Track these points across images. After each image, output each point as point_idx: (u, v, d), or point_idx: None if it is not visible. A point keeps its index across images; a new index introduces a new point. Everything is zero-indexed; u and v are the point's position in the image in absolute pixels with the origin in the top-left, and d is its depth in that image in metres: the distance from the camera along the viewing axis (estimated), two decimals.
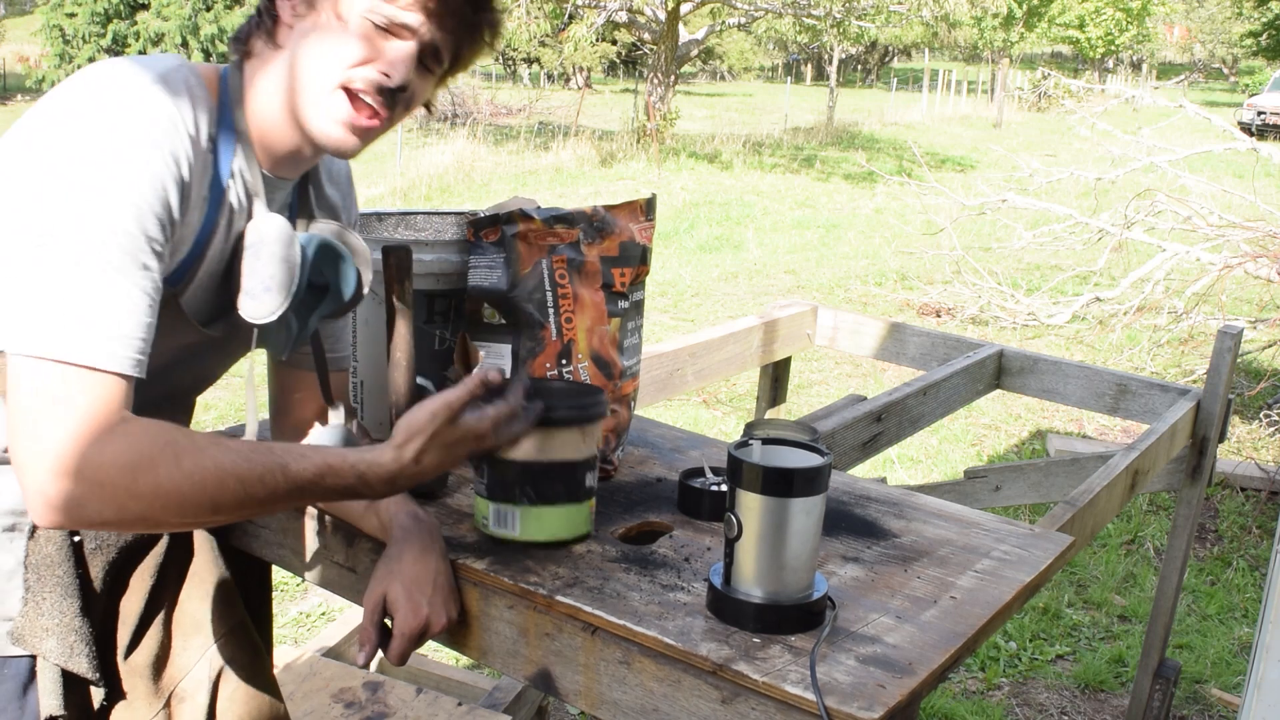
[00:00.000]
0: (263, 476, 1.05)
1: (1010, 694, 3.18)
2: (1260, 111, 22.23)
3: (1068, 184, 9.00)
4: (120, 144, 1.04)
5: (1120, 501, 2.08)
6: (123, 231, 1.03)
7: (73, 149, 1.03)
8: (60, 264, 1.01)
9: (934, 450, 5.06)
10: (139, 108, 1.06)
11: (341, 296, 1.29)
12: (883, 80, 42.69)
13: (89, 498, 0.99)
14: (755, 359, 2.72)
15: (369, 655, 1.21)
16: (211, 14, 19.08)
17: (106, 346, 1.01)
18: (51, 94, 1.08)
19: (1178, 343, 6.71)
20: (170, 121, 1.08)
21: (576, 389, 1.38)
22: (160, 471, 1.01)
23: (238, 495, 1.04)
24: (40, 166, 1.03)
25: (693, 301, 7.68)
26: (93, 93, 1.06)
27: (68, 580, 1.18)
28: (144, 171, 1.04)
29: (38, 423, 0.99)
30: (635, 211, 1.59)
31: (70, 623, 1.18)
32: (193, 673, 1.35)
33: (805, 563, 1.14)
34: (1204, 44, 52.65)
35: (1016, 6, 29.12)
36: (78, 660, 1.18)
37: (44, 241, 1.01)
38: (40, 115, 1.07)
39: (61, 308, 1.00)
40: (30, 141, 1.06)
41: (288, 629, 3.23)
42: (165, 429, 1.04)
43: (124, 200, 1.03)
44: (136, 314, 1.04)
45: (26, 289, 1.01)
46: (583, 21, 17.03)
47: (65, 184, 1.02)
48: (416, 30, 1.17)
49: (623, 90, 26.84)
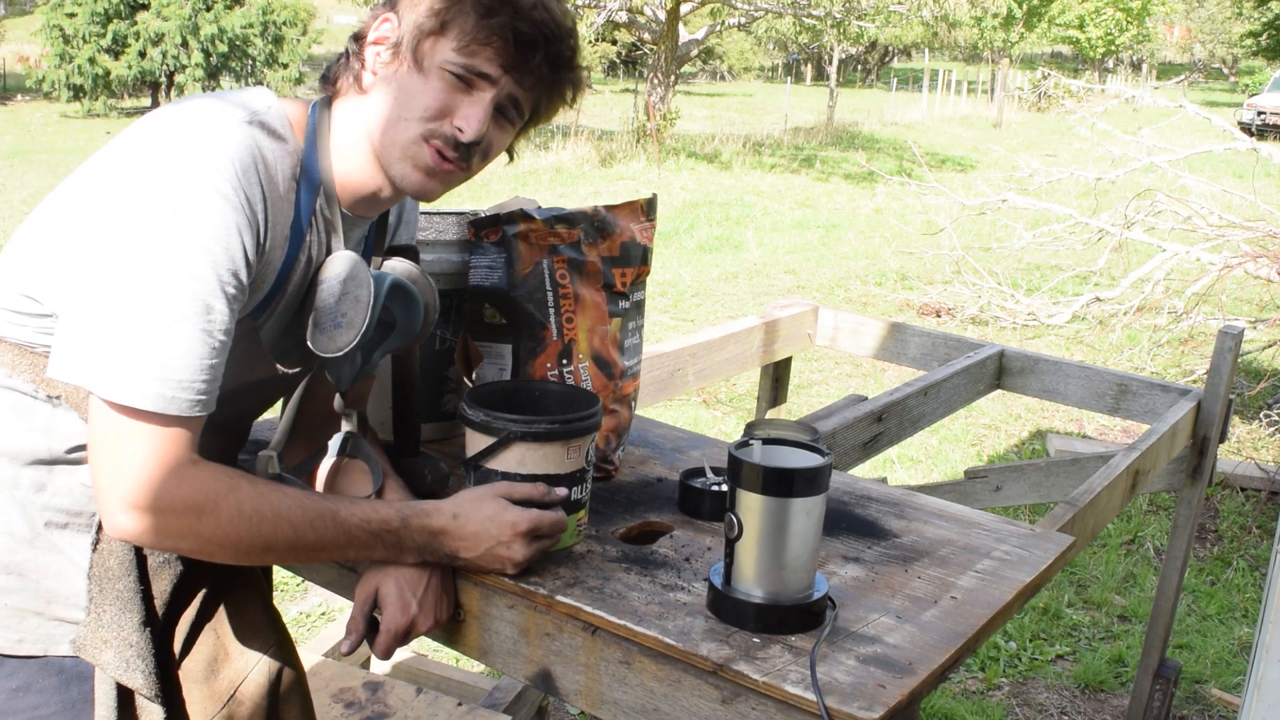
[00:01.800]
0: (313, 521, 1.14)
1: (1010, 694, 3.18)
2: (1260, 111, 22.24)
3: (1068, 184, 9.00)
4: (198, 190, 1.06)
5: (1121, 501, 2.08)
6: (194, 277, 1.05)
7: (153, 193, 1.05)
8: (130, 309, 1.04)
9: (934, 450, 5.06)
10: (221, 153, 1.08)
11: (407, 334, 1.31)
12: (883, 80, 42.70)
13: (154, 530, 1.08)
14: (756, 359, 2.72)
15: (353, 645, 1.24)
16: (211, 14, 19.07)
17: (166, 392, 1.05)
18: (141, 126, 1.11)
19: (1178, 343, 6.71)
20: (253, 165, 1.10)
21: (571, 398, 1.36)
22: (223, 515, 1.09)
23: (289, 539, 1.13)
24: (121, 206, 1.06)
25: (693, 301, 7.68)
26: (178, 135, 1.08)
27: (128, 595, 1.19)
28: (220, 219, 1.07)
29: (108, 459, 1.07)
30: (636, 211, 1.59)
31: (128, 637, 1.19)
32: (252, 675, 1.37)
33: (805, 563, 1.14)
34: (1204, 44, 52.66)
35: (1016, 6, 29.14)
36: (133, 675, 1.19)
37: (117, 283, 1.05)
38: (128, 150, 1.10)
39: (128, 353, 1.04)
40: (114, 179, 1.09)
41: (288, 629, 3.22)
42: (230, 475, 1.12)
43: (197, 247, 1.05)
44: (201, 359, 1.07)
45: (99, 329, 1.05)
46: (582, 21, 17.02)
47: (142, 228, 1.05)
48: (496, 82, 1.19)
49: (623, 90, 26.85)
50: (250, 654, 1.37)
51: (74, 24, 18.59)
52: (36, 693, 1.18)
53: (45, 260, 1.12)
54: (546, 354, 1.49)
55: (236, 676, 1.35)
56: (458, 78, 1.17)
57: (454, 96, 1.18)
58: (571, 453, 1.27)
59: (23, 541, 1.17)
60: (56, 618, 1.19)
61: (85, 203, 1.11)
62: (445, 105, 1.17)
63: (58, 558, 1.19)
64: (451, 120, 1.18)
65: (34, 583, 1.18)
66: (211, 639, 1.35)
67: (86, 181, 1.12)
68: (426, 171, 1.20)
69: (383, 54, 1.19)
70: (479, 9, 1.15)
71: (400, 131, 1.18)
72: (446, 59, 1.16)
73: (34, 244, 1.14)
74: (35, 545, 1.17)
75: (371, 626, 1.24)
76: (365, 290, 1.21)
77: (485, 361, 1.53)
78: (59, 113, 19.01)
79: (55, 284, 1.12)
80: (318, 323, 1.22)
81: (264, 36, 19.86)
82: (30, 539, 1.17)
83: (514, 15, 1.16)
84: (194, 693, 1.33)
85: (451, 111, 1.18)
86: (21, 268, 1.14)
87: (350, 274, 1.21)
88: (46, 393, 1.15)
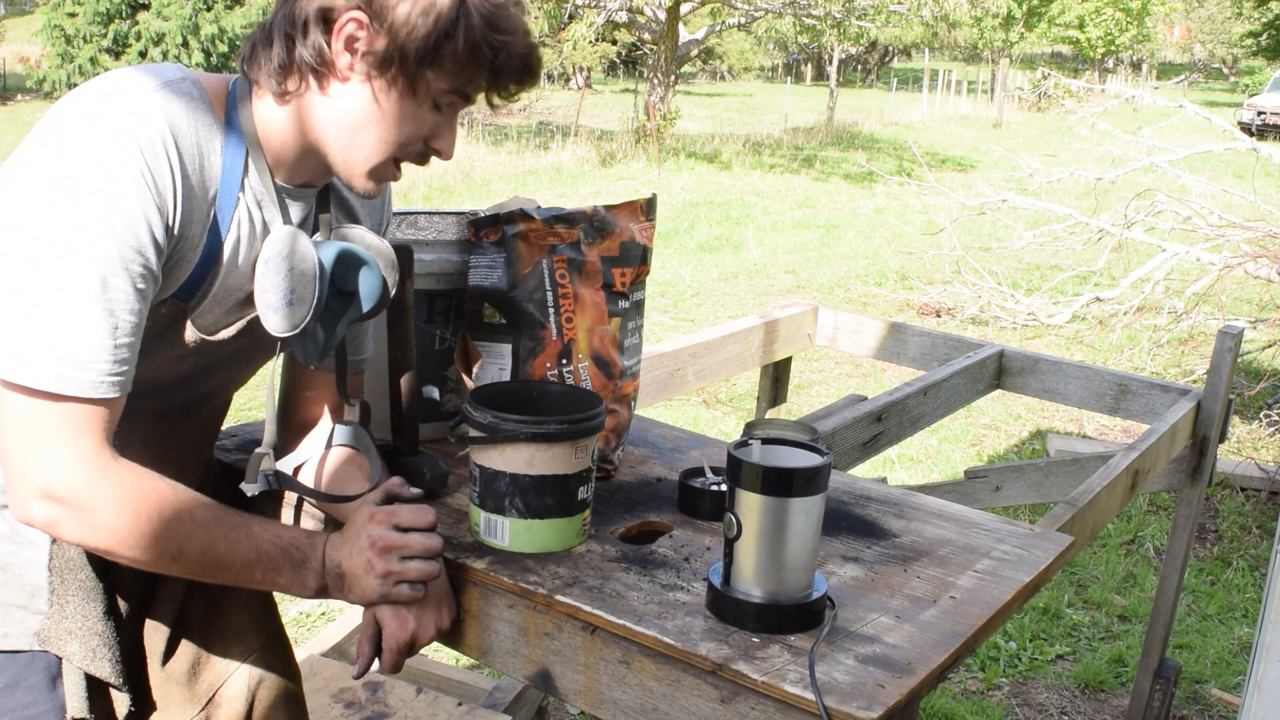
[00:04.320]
0: (228, 534, 1.13)
1: (1010, 694, 3.18)
2: (1260, 111, 22.24)
3: (1068, 184, 9.00)
4: (104, 169, 1.03)
5: (1120, 501, 2.08)
6: (94, 257, 1.03)
7: (57, 174, 1.03)
8: (31, 290, 1.02)
9: (934, 450, 5.06)
10: (128, 129, 1.05)
11: (371, 299, 1.29)
12: (883, 80, 42.69)
13: (66, 522, 1.06)
14: (756, 359, 2.72)
15: (362, 669, 1.25)
16: (212, 14, 19.07)
17: (65, 372, 1.03)
18: (52, 110, 1.09)
19: (1178, 343, 6.71)
20: (160, 139, 1.07)
21: (574, 398, 1.36)
22: (142, 514, 1.07)
23: (202, 548, 1.12)
24: (26, 190, 1.04)
25: (693, 301, 7.68)
26: (84, 114, 1.06)
27: (90, 585, 1.19)
28: (123, 196, 1.04)
29: (18, 444, 1.05)
30: (635, 211, 1.59)
31: (93, 626, 1.19)
32: (233, 679, 1.36)
33: (805, 563, 1.14)
34: (1204, 44, 52.66)
35: (1016, 6, 29.15)
36: (100, 664, 1.19)
37: (22, 267, 1.03)
38: (36, 135, 1.08)
39: (32, 335, 1.02)
40: (21, 163, 1.07)
41: (288, 629, 3.22)
42: (153, 477, 1.10)
43: (99, 226, 1.03)
44: (103, 339, 1.04)
45: (5, 313, 1.03)
46: (582, 21, 17.03)
47: (46, 211, 1.03)
48: (471, 101, 1.20)
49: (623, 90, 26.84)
50: (232, 657, 1.37)
51: (75, 24, 18.59)
52: (25, 690, 1.18)
53: None
54: (546, 354, 1.49)
55: (216, 679, 1.35)
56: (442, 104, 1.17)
57: (436, 120, 1.19)
58: (579, 452, 1.27)
59: (2, 537, 1.17)
60: (40, 612, 1.19)
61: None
62: (429, 130, 1.19)
63: (38, 552, 1.18)
64: (428, 142, 1.19)
65: (16, 577, 1.18)
66: (195, 641, 1.35)
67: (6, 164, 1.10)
68: (379, 181, 1.21)
69: (359, 65, 1.13)
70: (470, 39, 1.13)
71: (376, 152, 1.17)
72: (439, 89, 1.15)
73: None
74: (15, 540, 1.17)
75: (377, 648, 1.25)
76: (310, 264, 1.18)
77: (485, 361, 1.53)
78: None
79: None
80: (268, 303, 1.19)
81: None
82: (9, 534, 1.17)
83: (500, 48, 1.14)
84: (175, 694, 1.33)
85: (434, 136, 1.19)
86: None
87: (291, 249, 1.18)
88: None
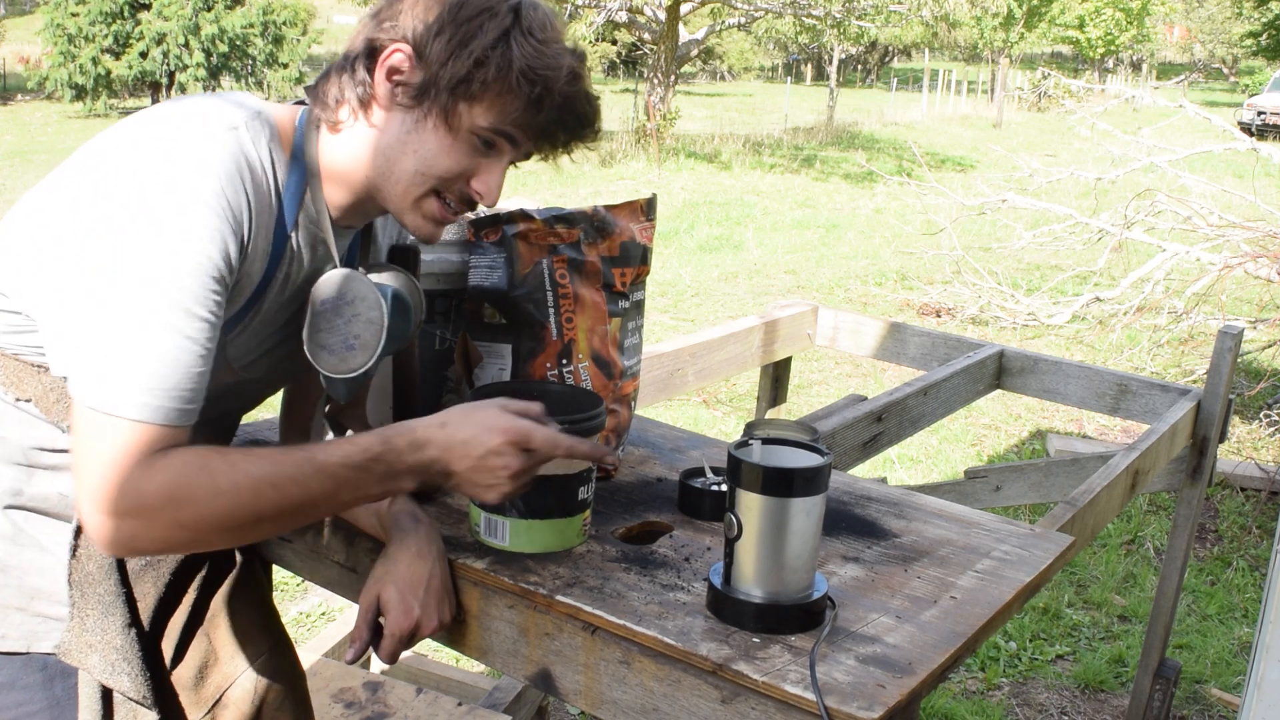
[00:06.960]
0: (294, 475, 1.06)
1: (1010, 694, 3.18)
2: (1260, 111, 22.26)
3: (1068, 184, 9.00)
4: (183, 197, 1.03)
5: (1120, 501, 2.08)
6: (176, 286, 1.03)
7: (141, 205, 1.03)
8: (122, 321, 1.02)
9: (934, 450, 5.06)
10: (208, 159, 1.05)
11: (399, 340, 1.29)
12: (883, 80, 42.68)
13: (137, 531, 1.02)
14: (755, 359, 2.72)
15: (358, 652, 1.23)
16: (212, 14, 19.08)
17: (153, 401, 1.02)
18: (126, 128, 1.08)
19: (1178, 343, 6.71)
20: (238, 172, 1.07)
21: (575, 397, 1.36)
22: (199, 495, 1.03)
23: (276, 503, 1.06)
24: (107, 212, 1.03)
25: (693, 301, 7.68)
26: (163, 143, 1.05)
27: (109, 598, 1.19)
28: (206, 227, 1.04)
29: (84, 464, 1.02)
30: (636, 211, 1.59)
31: (112, 640, 1.18)
32: (239, 680, 1.36)
33: (805, 563, 1.14)
34: (1204, 44, 52.64)
35: (1016, 6, 29.11)
36: (119, 679, 1.19)
37: (98, 286, 1.02)
38: (113, 152, 1.07)
39: (121, 364, 1.02)
40: (98, 181, 1.06)
41: (288, 629, 3.23)
42: (197, 454, 1.05)
43: (181, 254, 1.03)
44: (189, 368, 1.04)
45: (79, 330, 1.03)
46: (582, 21, 17.02)
47: (129, 236, 1.02)
48: (518, 145, 1.18)
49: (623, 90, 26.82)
50: (240, 659, 1.36)
51: (76, 23, 18.60)
52: (20, 689, 1.18)
53: (17, 256, 1.10)
54: (546, 354, 1.49)
55: (224, 681, 1.35)
56: (484, 142, 1.16)
57: (476, 159, 1.17)
58: None
59: (4, 538, 1.17)
60: (39, 614, 1.19)
61: (64, 202, 1.08)
62: (468, 167, 1.17)
63: (41, 555, 1.18)
64: (469, 182, 1.18)
65: (16, 579, 1.18)
66: (204, 645, 1.35)
67: (68, 180, 1.09)
68: (435, 222, 1.20)
69: (400, 96, 1.14)
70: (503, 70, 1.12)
71: (415, 184, 1.16)
72: (476, 124, 1.14)
73: (6, 240, 1.12)
74: (18, 542, 1.17)
75: (375, 633, 1.23)
76: (377, 311, 1.19)
77: (485, 361, 1.53)
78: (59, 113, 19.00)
79: (25, 281, 1.10)
80: (325, 345, 1.20)
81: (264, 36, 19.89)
82: (12, 535, 1.17)
83: (537, 82, 1.13)
84: (181, 698, 1.32)
85: (474, 173, 1.18)
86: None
87: (358, 294, 1.19)
88: (15, 395, 1.14)
